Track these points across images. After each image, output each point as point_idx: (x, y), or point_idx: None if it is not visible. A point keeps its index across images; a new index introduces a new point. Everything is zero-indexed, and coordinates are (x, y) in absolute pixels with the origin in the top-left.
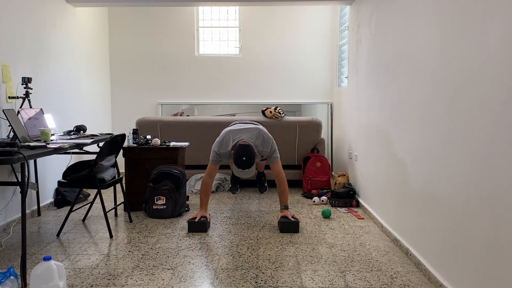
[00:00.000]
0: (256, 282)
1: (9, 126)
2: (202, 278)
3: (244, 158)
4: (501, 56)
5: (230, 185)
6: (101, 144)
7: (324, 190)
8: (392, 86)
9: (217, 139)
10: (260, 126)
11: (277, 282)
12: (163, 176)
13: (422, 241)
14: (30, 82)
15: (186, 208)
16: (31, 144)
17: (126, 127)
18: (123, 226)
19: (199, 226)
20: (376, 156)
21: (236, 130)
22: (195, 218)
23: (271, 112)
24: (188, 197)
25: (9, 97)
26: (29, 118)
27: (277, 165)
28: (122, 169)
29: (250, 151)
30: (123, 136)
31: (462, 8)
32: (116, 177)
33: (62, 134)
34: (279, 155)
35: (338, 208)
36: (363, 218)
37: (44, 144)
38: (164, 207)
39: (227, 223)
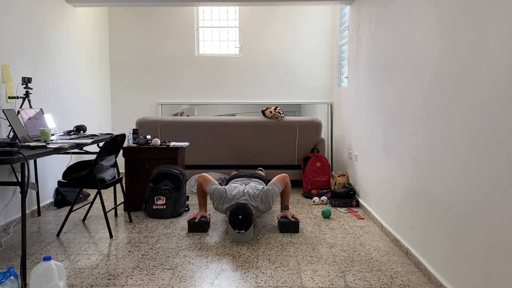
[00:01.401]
0: (256, 282)
1: (9, 126)
2: (202, 278)
3: (240, 217)
4: (501, 56)
5: None
6: (101, 144)
7: (324, 190)
8: (392, 86)
9: (220, 188)
10: (259, 184)
11: (277, 282)
12: (163, 176)
13: (422, 241)
14: (30, 82)
15: (186, 208)
16: (31, 144)
17: (126, 127)
18: (123, 226)
19: (199, 226)
20: (376, 156)
21: (234, 188)
22: (195, 218)
23: (271, 112)
24: (188, 197)
25: (9, 97)
26: (29, 118)
27: (283, 185)
28: (122, 169)
29: (247, 209)
30: (123, 136)
31: (462, 8)
32: (116, 177)
33: (62, 134)
34: (278, 186)
35: (338, 208)
36: (363, 218)
37: (44, 144)
38: (164, 207)
39: (227, 223)
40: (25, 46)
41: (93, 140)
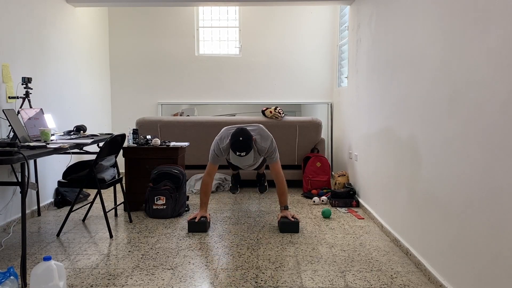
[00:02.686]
0: (256, 282)
1: (9, 126)
2: (202, 278)
3: (240, 138)
4: (501, 56)
5: (230, 185)
6: (101, 144)
7: (324, 190)
8: (392, 85)
9: (215, 138)
10: (260, 125)
11: (277, 282)
12: (163, 176)
13: (422, 241)
14: (30, 82)
15: (186, 208)
16: (31, 144)
17: (126, 127)
18: (123, 226)
19: (199, 226)
20: (376, 156)
21: (233, 126)
22: (195, 218)
23: (271, 112)
24: (188, 197)
25: (9, 97)
26: (29, 118)
27: (276, 166)
28: (122, 169)
29: (247, 132)
30: (123, 136)
31: (462, 8)
32: (116, 177)
33: (62, 134)
34: (278, 156)
35: (338, 208)
36: (363, 218)
37: (44, 144)
38: (164, 207)
39: (227, 223)
40: (25, 46)
41: (93, 140)
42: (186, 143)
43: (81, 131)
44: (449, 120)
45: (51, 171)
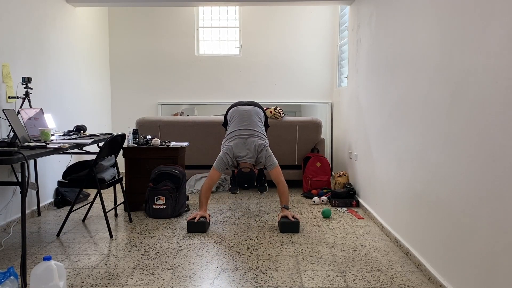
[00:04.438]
0: (256, 282)
1: (9, 126)
2: (202, 278)
3: (246, 186)
4: (501, 56)
5: (230, 185)
6: (101, 144)
7: (324, 190)
8: (392, 86)
9: (224, 150)
10: (255, 138)
11: (277, 282)
12: (163, 176)
13: (422, 241)
14: (30, 82)
15: (186, 208)
16: (31, 144)
17: (126, 127)
18: (123, 226)
19: (198, 226)
20: (376, 156)
21: (238, 145)
22: (195, 218)
23: (271, 112)
24: (188, 197)
25: (9, 97)
26: (29, 118)
27: (275, 172)
28: (122, 169)
29: (251, 177)
30: (123, 136)
31: (462, 8)
32: (116, 177)
33: (62, 134)
34: (275, 161)
35: (338, 208)
36: (363, 218)
37: (44, 144)
38: (164, 207)
39: (227, 223)
40: (25, 46)
41: (93, 140)
42: (186, 143)
43: (81, 131)
44: (449, 120)
45: (51, 171)
